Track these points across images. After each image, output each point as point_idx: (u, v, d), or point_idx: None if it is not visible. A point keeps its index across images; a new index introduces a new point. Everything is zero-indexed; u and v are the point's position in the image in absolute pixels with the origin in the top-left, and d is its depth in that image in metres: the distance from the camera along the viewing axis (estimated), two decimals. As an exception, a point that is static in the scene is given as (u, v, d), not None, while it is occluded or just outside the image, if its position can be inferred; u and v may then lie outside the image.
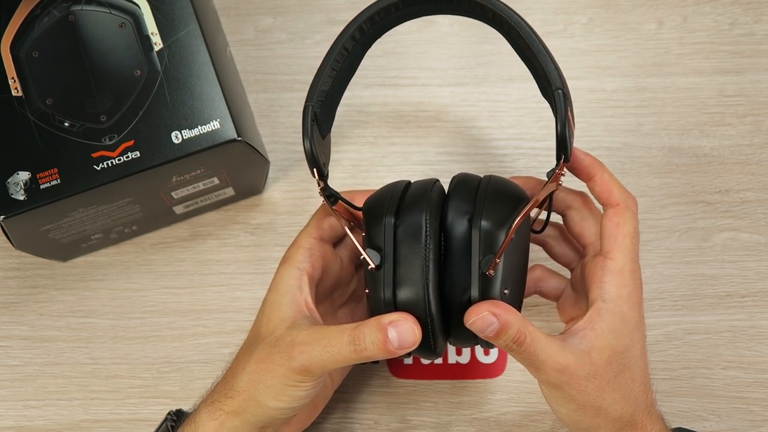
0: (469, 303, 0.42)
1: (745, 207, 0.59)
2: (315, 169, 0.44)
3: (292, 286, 0.45)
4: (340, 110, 0.62)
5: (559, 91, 0.42)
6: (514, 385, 0.56)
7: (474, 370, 0.56)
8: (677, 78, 0.62)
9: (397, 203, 0.43)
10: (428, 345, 0.43)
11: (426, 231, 0.42)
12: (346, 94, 0.62)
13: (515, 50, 0.46)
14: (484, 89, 0.62)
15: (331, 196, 0.45)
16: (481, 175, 0.46)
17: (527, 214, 0.42)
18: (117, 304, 0.58)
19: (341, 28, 0.46)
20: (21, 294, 0.59)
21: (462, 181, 0.45)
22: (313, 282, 0.47)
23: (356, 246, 0.43)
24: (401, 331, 0.40)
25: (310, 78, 0.46)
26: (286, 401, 0.43)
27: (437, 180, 0.46)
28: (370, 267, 0.42)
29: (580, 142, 0.61)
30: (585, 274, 0.47)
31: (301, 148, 0.61)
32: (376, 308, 0.43)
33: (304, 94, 0.45)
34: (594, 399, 0.43)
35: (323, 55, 0.46)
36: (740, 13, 0.63)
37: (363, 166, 0.61)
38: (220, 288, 0.59)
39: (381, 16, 0.45)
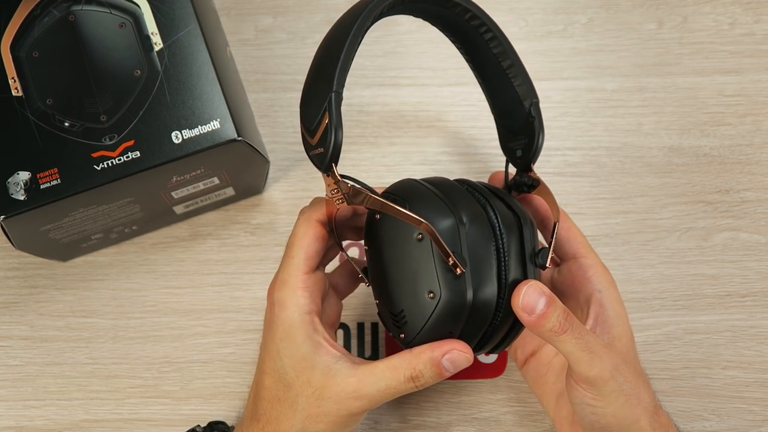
0: None
1: (745, 207, 0.59)
2: (334, 164, 0.41)
3: (308, 332, 0.43)
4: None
5: (537, 101, 0.46)
6: (514, 385, 0.56)
7: (474, 370, 0.56)
8: (677, 78, 0.62)
9: (452, 203, 0.41)
10: (484, 343, 0.43)
11: (497, 231, 0.41)
12: (346, 93, 0.62)
13: (480, 63, 0.48)
14: (484, 89, 0.62)
15: (354, 183, 0.42)
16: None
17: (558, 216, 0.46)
18: (117, 304, 0.58)
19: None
20: (21, 294, 0.59)
21: (473, 183, 0.45)
22: (320, 316, 0.45)
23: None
24: (454, 360, 0.41)
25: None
26: None
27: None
28: (458, 272, 0.39)
29: (581, 141, 0.61)
30: (565, 280, 0.47)
31: (302, 148, 0.61)
32: (450, 308, 0.40)
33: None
34: (634, 386, 0.43)
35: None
36: (740, 13, 0.63)
37: (363, 166, 0.61)
38: (220, 288, 0.59)
39: (388, 8, 0.43)
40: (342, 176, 0.41)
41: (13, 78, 0.50)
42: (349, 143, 0.61)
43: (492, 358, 0.56)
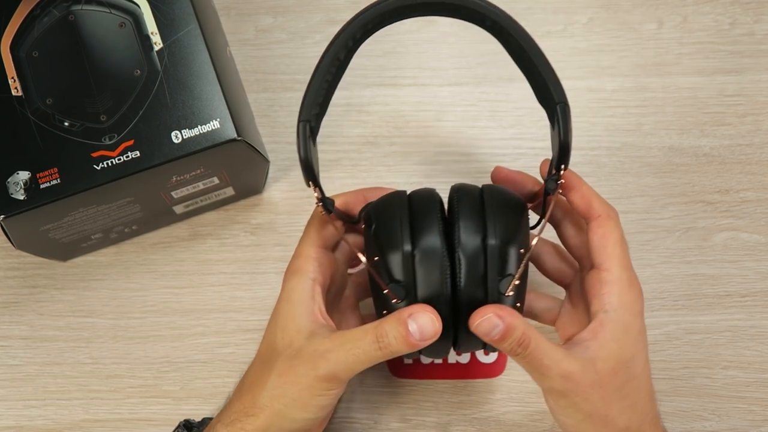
0: None
1: (745, 207, 0.59)
2: (315, 186, 0.44)
3: (305, 297, 0.45)
4: (340, 110, 0.62)
5: (563, 104, 0.43)
6: (514, 385, 0.56)
7: (474, 370, 0.56)
8: (677, 78, 0.62)
9: (408, 228, 0.43)
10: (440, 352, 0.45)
11: (444, 260, 0.42)
12: (346, 93, 0.62)
13: (513, 59, 0.45)
14: (484, 89, 0.62)
15: (329, 211, 0.45)
16: (479, 185, 0.46)
17: (540, 233, 0.44)
18: (117, 303, 0.58)
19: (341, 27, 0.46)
20: (21, 294, 0.59)
21: (464, 195, 0.45)
22: (324, 290, 0.46)
23: (370, 273, 0.44)
24: (421, 323, 0.41)
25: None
26: (312, 411, 0.43)
27: (434, 191, 0.46)
28: (394, 300, 0.42)
29: (580, 141, 0.61)
30: (584, 288, 0.46)
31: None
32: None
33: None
34: (600, 408, 0.43)
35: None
36: (740, 13, 0.63)
37: (363, 166, 0.61)
38: (220, 288, 0.59)
39: (374, 24, 0.43)
40: (321, 199, 0.44)
41: (13, 78, 0.50)
42: (349, 143, 0.61)
43: (492, 357, 0.56)
